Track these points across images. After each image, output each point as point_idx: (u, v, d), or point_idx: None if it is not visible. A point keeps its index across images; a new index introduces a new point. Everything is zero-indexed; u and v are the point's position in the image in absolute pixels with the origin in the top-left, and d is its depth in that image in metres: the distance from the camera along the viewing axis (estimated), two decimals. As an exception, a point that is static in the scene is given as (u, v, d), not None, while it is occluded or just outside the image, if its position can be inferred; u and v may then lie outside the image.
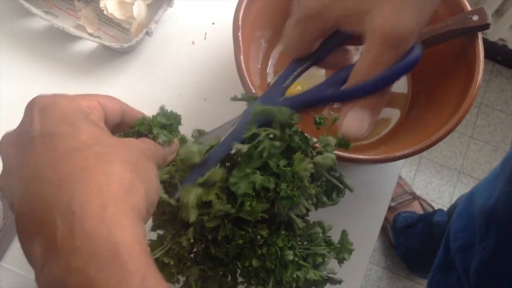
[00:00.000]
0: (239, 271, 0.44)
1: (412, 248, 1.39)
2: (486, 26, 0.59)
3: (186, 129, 0.66)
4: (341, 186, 0.46)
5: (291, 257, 0.41)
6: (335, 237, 0.46)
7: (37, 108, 0.33)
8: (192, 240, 0.41)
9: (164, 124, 0.40)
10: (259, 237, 0.40)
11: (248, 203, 0.38)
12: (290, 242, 0.42)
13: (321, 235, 0.45)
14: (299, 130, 0.43)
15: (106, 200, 0.29)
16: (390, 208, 1.47)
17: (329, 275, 0.45)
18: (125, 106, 0.39)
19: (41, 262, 0.28)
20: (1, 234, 0.57)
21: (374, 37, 0.33)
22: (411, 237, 1.39)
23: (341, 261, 0.45)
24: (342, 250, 0.45)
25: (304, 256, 0.44)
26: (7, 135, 0.34)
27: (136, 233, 0.30)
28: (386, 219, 1.47)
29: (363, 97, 0.35)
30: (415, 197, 1.50)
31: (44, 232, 0.28)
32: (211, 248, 0.41)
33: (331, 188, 0.46)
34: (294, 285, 0.42)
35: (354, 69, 0.35)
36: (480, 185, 0.79)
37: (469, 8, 0.61)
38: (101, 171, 0.30)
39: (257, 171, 0.39)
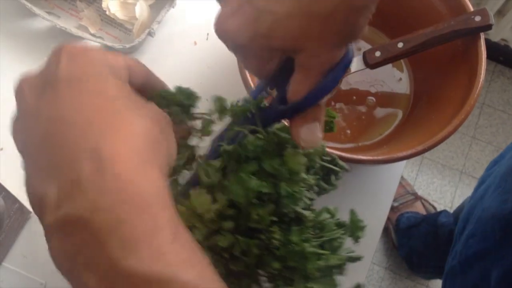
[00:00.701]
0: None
1: (415, 248, 1.39)
2: (488, 27, 0.59)
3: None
4: (336, 168, 0.47)
5: (310, 249, 0.41)
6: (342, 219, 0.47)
7: (65, 53, 0.32)
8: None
9: (182, 103, 0.39)
10: (274, 241, 0.40)
11: (255, 212, 0.39)
12: (303, 235, 0.42)
13: (330, 219, 0.46)
14: (284, 125, 0.43)
15: (136, 149, 0.28)
16: (393, 209, 1.46)
17: (348, 254, 0.45)
18: (150, 73, 0.38)
19: (55, 202, 0.27)
20: (3, 234, 0.57)
21: (312, 71, 0.34)
22: (414, 237, 1.38)
23: (356, 240, 0.46)
24: (355, 229, 0.46)
25: (321, 244, 0.44)
26: (27, 77, 0.33)
27: (165, 187, 0.29)
28: (388, 219, 1.47)
29: (308, 107, 0.36)
30: (417, 197, 1.50)
31: (64, 173, 0.27)
32: (230, 265, 0.41)
33: (327, 173, 0.47)
34: (319, 274, 0.42)
35: (292, 91, 0.36)
36: (488, 187, 0.77)
37: (471, 8, 0.61)
38: (130, 121, 0.29)
39: (253, 177, 0.39)
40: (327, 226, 0.45)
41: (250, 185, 0.38)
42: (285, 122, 0.52)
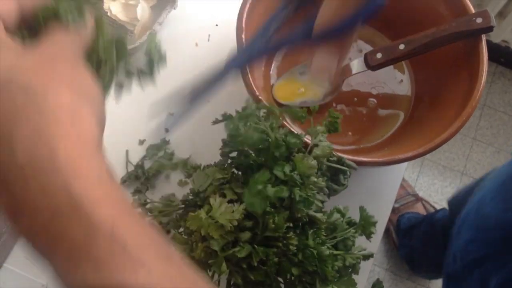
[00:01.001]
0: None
1: (416, 248, 1.39)
2: (489, 29, 0.59)
3: (189, 131, 0.66)
4: (344, 168, 0.47)
5: (327, 252, 0.41)
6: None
7: None
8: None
9: (71, 5, 0.32)
10: (291, 247, 0.40)
11: (271, 220, 0.39)
12: (318, 238, 0.42)
13: (341, 219, 0.46)
14: (289, 130, 0.43)
15: (52, 143, 0.25)
16: (394, 210, 1.46)
17: (361, 252, 0.45)
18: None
19: (11, 221, 0.26)
20: (5, 236, 0.57)
21: None
22: (415, 237, 1.39)
23: (369, 236, 0.46)
24: (367, 225, 0.46)
25: (335, 244, 0.44)
26: None
27: (96, 172, 0.26)
28: (389, 220, 1.47)
29: (331, 40, 0.37)
30: (418, 198, 1.50)
31: (3, 191, 0.25)
32: (249, 275, 0.41)
33: (334, 173, 0.47)
34: (337, 276, 0.42)
35: (319, 18, 0.36)
36: (487, 192, 0.77)
37: (472, 10, 0.61)
38: (34, 110, 0.25)
39: (268, 184, 0.39)
40: (339, 226, 0.45)
41: (268, 194, 0.38)
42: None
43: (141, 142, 0.65)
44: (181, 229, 0.45)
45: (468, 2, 0.62)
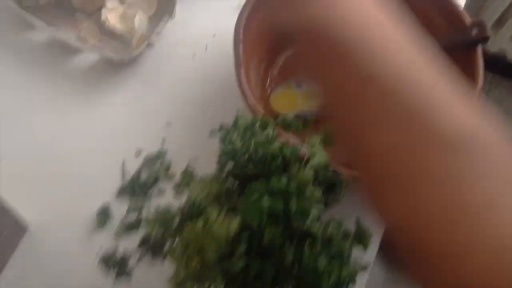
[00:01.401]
0: None
1: None
2: (485, 39, 0.60)
3: (185, 141, 0.66)
4: (339, 179, 0.47)
5: (323, 264, 0.41)
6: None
7: None
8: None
9: None
10: (287, 259, 0.40)
11: (267, 232, 0.38)
12: (314, 250, 0.42)
13: (338, 230, 0.46)
14: (286, 141, 0.43)
15: None
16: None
17: (357, 264, 0.45)
18: None
19: None
20: (4, 242, 0.57)
21: None
22: None
23: (365, 247, 0.46)
24: (363, 236, 0.46)
25: (331, 256, 0.44)
26: None
27: None
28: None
29: None
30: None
31: None
32: None
33: (331, 183, 0.47)
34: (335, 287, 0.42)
35: None
36: None
37: (469, 21, 0.61)
38: None
39: (265, 196, 0.39)
40: (335, 237, 0.45)
41: (264, 205, 0.38)
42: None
43: (138, 152, 0.65)
44: (177, 241, 0.45)
45: (464, 13, 0.62)
